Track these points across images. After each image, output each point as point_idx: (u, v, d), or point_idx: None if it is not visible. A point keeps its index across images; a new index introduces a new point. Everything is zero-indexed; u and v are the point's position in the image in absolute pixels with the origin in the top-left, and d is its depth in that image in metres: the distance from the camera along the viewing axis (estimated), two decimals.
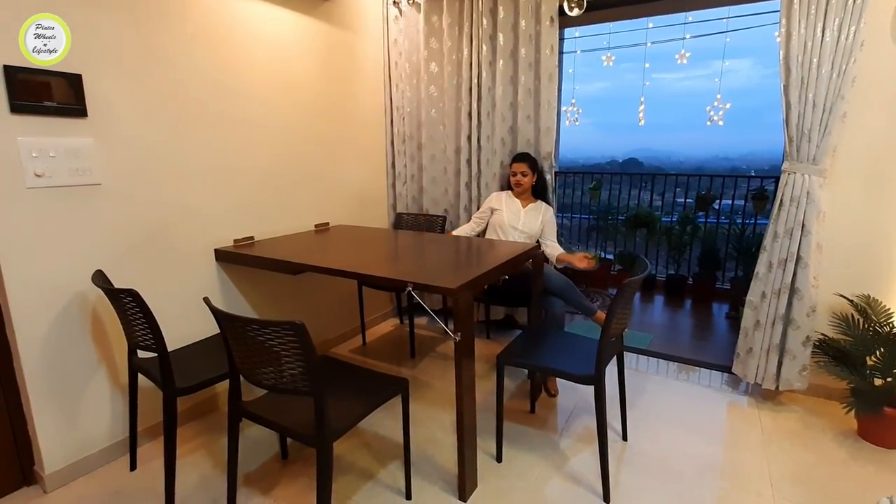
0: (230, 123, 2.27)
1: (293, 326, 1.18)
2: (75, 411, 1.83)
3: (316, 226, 2.81)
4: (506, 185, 2.87)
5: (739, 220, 4.39)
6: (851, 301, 2.14)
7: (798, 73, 2.04)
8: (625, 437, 2.06)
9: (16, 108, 1.56)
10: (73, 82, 1.68)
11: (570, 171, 5.40)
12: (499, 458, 1.93)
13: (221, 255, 2.25)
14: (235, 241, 2.32)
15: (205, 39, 2.12)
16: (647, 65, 2.70)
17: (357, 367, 1.74)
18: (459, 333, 1.57)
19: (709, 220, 4.52)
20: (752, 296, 2.29)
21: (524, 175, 2.68)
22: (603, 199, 5.04)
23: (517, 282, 2.50)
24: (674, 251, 4.51)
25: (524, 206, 2.72)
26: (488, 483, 1.81)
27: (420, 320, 3.38)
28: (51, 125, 1.66)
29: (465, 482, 1.70)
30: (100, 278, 1.63)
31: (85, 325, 1.82)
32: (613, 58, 2.72)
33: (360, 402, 1.48)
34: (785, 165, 2.18)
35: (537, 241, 2.68)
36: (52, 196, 1.68)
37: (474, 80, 2.86)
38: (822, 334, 2.22)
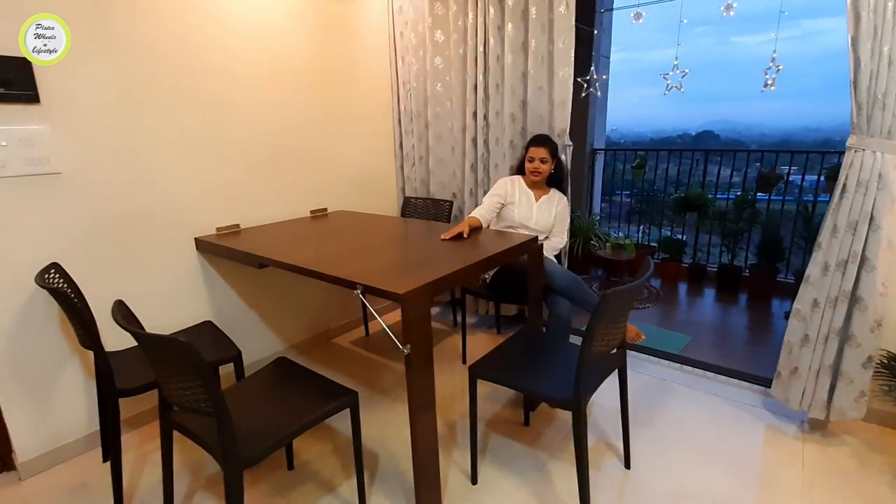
0: (213, 103, 2.15)
1: (178, 345, 1.02)
2: (47, 402, 1.82)
3: (312, 212, 2.67)
4: (516, 169, 2.52)
5: (810, 199, 3.74)
6: None
7: (870, 20, 1.57)
8: (627, 465, 1.77)
9: None
10: (21, 66, 1.60)
11: (611, 149, 4.91)
12: (474, 480, 1.72)
13: (202, 245, 2.16)
14: (218, 229, 2.23)
15: (181, 13, 1.99)
16: (684, 21, 2.25)
17: (310, 374, 1.58)
18: (409, 345, 1.35)
19: (772, 201, 3.91)
20: (801, 304, 1.87)
21: (543, 162, 2.30)
22: (651, 178, 4.54)
23: (516, 277, 2.23)
24: (728, 238, 3.96)
25: (537, 200, 2.37)
26: None
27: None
28: None
29: None
30: (42, 276, 1.54)
31: (52, 316, 1.79)
32: (644, 14, 2.30)
33: (293, 419, 1.32)
34: (851, 140, 1.72)
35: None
36: (7, 187, 1.63)
37: (480, 48, 2.54)
38: (889, 352, 1.77)
